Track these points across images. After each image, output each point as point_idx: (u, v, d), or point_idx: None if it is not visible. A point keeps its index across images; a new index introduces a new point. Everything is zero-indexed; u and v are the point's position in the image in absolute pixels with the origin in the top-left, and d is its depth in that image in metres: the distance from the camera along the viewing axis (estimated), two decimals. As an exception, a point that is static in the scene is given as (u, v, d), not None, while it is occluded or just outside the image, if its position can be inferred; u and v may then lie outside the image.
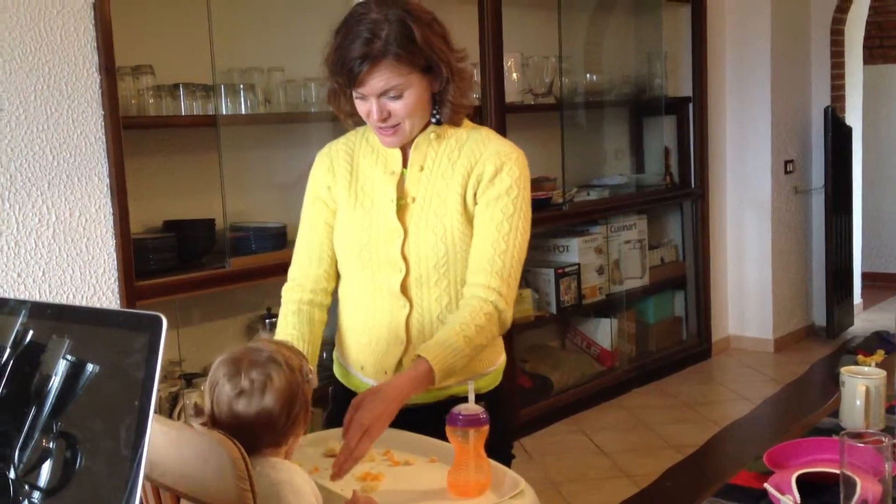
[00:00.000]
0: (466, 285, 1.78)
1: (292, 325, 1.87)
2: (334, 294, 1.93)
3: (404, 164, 1.83)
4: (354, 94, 1.74)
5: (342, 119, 1.87)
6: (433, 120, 1.80)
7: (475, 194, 1.79)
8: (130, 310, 0.94)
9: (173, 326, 3.21)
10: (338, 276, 1.92)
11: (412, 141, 1.81)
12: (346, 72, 1.69)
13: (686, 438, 4.17)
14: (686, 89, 5.40)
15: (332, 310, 1.94)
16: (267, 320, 3.37)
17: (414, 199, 1.80)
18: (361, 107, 1.75)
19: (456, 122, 1.81)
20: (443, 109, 1.78)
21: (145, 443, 0.88)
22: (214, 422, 1.37)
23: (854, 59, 6.13)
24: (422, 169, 1.81)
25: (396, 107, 1.72)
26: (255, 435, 1.36)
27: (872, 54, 6.92)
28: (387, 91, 1.70)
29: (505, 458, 1.78)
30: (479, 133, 1.84)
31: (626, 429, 4.40)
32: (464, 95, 1.79)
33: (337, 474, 1.54)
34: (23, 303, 1.10)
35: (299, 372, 1.40)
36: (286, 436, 1.39)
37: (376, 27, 1.67)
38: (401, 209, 1.80)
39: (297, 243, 1.93)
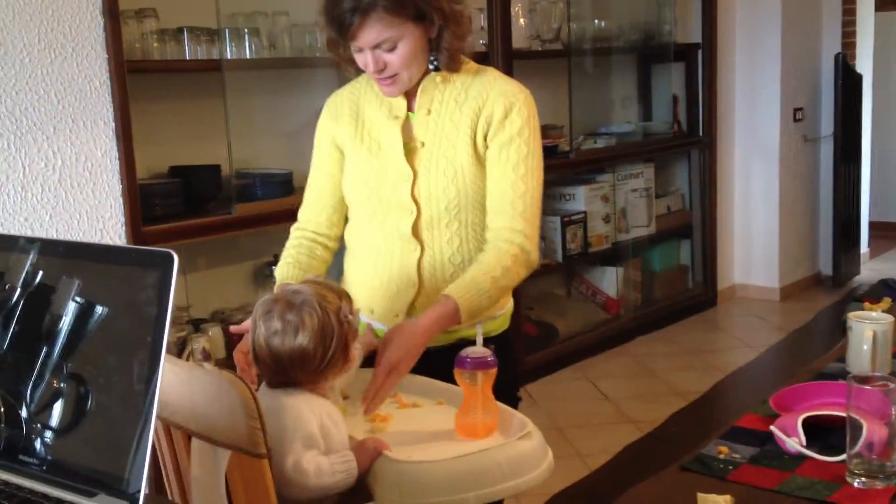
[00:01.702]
0: (489, 229, 1.79)
1: (291, 255, 1.92)
2: (340, 241, 1.95)
3: (410, 108, 1.82)
4: (351, 46, 1.73)
5: (342, 67, 1.85)
6: (431, 67, 1.78)
7: (485, 136, 1.78)
8: (142, 247, 0.94)
9: (180, 272, 3.22)
10: (343, 224, 1.94)
11: (418, 85, 1.80)
12: (337, 25, 1.68)
13: (691, 385, 4.19)
14: (695, 36, 5.33)
15: (338, 257, 1.95)
16: (273, 266, 3.37)
17: (423, 144, 1.80)
18: (359, 58, 1.74)
19: (454, 68, 1.79)
20: (440, 56, 1.77)
21: (158, 376, 0.89)
22: (255, 359, 1.45)
23: (866, 6, 6.04)
24: (429, 112, 1.80)
25: (392, 58, 1.71)
26: (291, 373, 1.43)
27: (884, 1, 6.82)
28: (380, 44, 1.69)
29: (512, 401, 1.79)
30: (486, 74, 1.83)
31: (631, 376, 4.43)
32: (461, 39, 1.77)
33: (367, 410, 1.60)
34: (33, 241, 1.10)
35: (336, 313, 1.44)
36: (324, 374, 1.45)
37: None
38: (410, 152, 1.80)
39: (306, 189, 1.96)
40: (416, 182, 1.78)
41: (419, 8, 1.69)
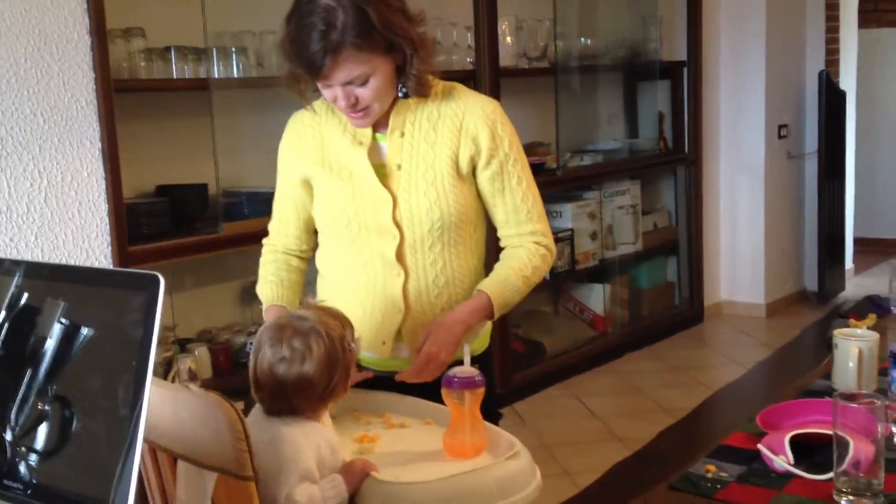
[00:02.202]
0: (510, 235, 1.85)
1: (270, 272, 1.92)
2: (312, 250, 1.95)
3: (377, 130, 1.80)
4: (318, 83, 1.70)
5: (302, 101, 1.82)
6: (400, 94, 1.76)
7: (472, 157, 1.78)
8: (127, 269, 0.94)
9: (166, 292, 3.20)
10: (312, 237, 1.93)
11: (389, 109, 1.78)
12: (306, 65, 1.65)
13: (678, 402, 4.20)
14: (681, 53, 5.37)
15: (312, 281, 1.95)
16: (259, 285, 3.36)
17: (399, 166, 1.78)
18: (326, 92, 1.72)
19: (424, 94, 1.77)
20: (408, 83, 1.74)
21: (144, 401, 0.88)
22: (256, 385, 1.44)
23: (849, 23, 6.10)
24: (402, 135, 1.79)
25: (363, 92, 1.69)
26: (294, 400, 1.42)
27: (867, 18, 6.88)
28: (352, 80, 1.67)
29: (493, 416, 1.80)
30: (454, 91, 1.83)
31: (619, 393, 4.43)
32: (427, 64, 1.75)
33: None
34: (18, 263, 1.10)
35: (340, 341, 1.45)
36: (325, 402, 1.46)
37: (330, 16, 1.60)
38: (386, 176, 1.78)
39: (274, 202, 1.96)
40: (397, 206, 1.77)
41: (388, 40, 1.66)
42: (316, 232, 1.93)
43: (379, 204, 1.77)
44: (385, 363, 1.82)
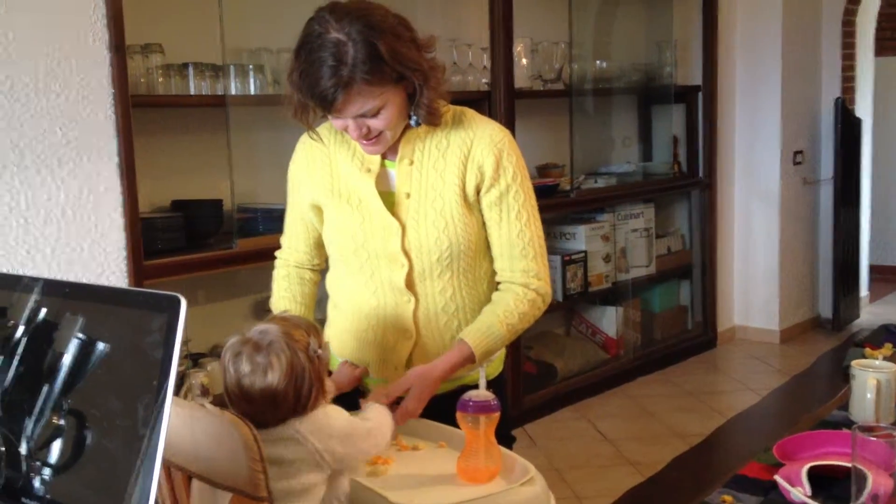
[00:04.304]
0: (502, 271, 1.80)
1: (284, 287, 1.92)
2: (325, 263, 1.94)
3: (386, 157, 1.79)
4: (329, 116, 1.69)
5: (308, 130, 1.79)
6: (412, 123, 1.74)
7: (477, 185, 1.76)
8: (149, 290, 0.94)
9: (180, 307, 3.21)
10: (324, 252, 1.92)
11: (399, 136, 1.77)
12: (317, 100, 1.63)
13: (690, 427, 4.17)
14: (696, 78, 5.37)
15: (322, 307, 1.95)
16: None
17: (408, 195, 1.76)
18: (337, 123, 1.70)
19: (434, 123, 1.75)
20: (419, 111, 1.72)
21: (163, 422, 0.88)
22: (230, 401, 1.43)
23: (865, 51, 6.09)
24: (411, 163, 1.77)
25: (375, 122, 1.67)
26: (268, 415, 1.40)
27: (884, 46, 6.88)
28: (364, 113, 1.65)
29: (507, 441, 1.79)
30: (464, 117, 1.80)
31: (631, 417, 4.40)
32: (438, 93, 1.72)
33: None
34: (36, 280, 1.10)
35: (305, 351, 1.42)
36: (308, 405, 1.42)
37: (340, 51, 1.57)
38: (394, 205, 1.77)
39: (286, 217, 1.96)
40: (406, 234, 1.76)
41: (398, 72, 1.64)
42: None
43: (387, 232, 1.76)
44: None
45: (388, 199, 1.78)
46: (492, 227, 1.79)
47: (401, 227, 1.76)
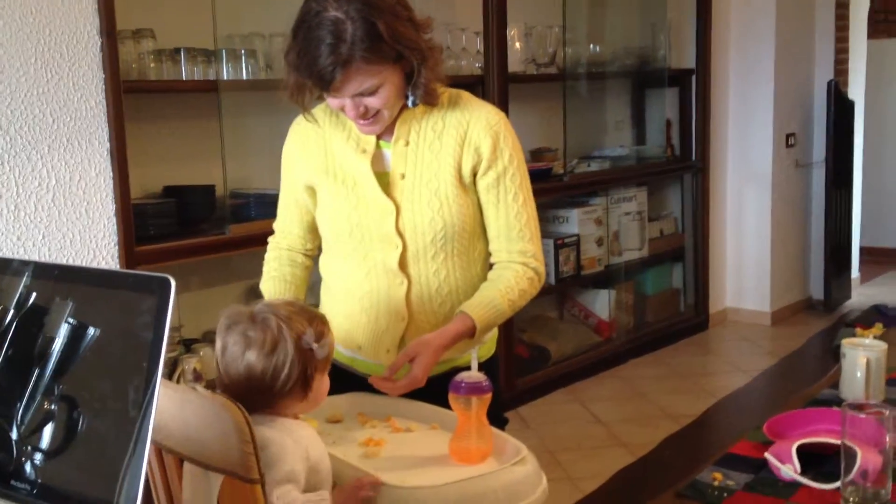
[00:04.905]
0: (498, 251, 1.82)
1: (274, 268, 1.92)
2: (318, 248, 1.94)
3: (381, 138, 1.79)
4: (326, 95, 1.69)
5: (304, 111, 1.79)
6: (409, 103, 1.75)
7: (473, 168, 1.77)
8: (138, 271, 0.94)
9: (173, 292, 3.21)
10: (318, 236, 1.92)
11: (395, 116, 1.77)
12: (315, 79, 1.62)
13: (682, 409, 4.19)
14: (689, 61, 5.37)
15: (315, 291, 1.94)
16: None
17: (403, 176, 1.77)
18: (334, 102, 1.70)
19: (432, 103, 1.76)
20: (416, 91, 1.72)
21: (153, 403, 0.88)
22: (217, 373, 1.42)
23: (858, 34, 6.09)
24: (407, 144, 1.77)
25: (372, 101, 1.67)
26: (247, 393, 1.36)
27: (877, 29, 6.87)
28: (361, 92, 1.65)
29: (500, 422, 1.79)
30: (460, 100, 1.80)
31: (623, 399, 4.42)
32: (435, 72, 1.73)
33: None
34: (27, 263, 1.10)
35: (294, 339, 1.38)
36: (281, 401, 1.39)
37: (339, 29, 1.57)
38: (389, 185, 1.77)
39: (279, 201, 1.96)
40: (400, 215, 1.76)
41: (397, 51, 1.64)
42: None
43: (382, 213, 1.77)
44: None
45: (383, 179, 1.78)
46: (489, 208, 1.80)
47: (395, 207, 1.76)
